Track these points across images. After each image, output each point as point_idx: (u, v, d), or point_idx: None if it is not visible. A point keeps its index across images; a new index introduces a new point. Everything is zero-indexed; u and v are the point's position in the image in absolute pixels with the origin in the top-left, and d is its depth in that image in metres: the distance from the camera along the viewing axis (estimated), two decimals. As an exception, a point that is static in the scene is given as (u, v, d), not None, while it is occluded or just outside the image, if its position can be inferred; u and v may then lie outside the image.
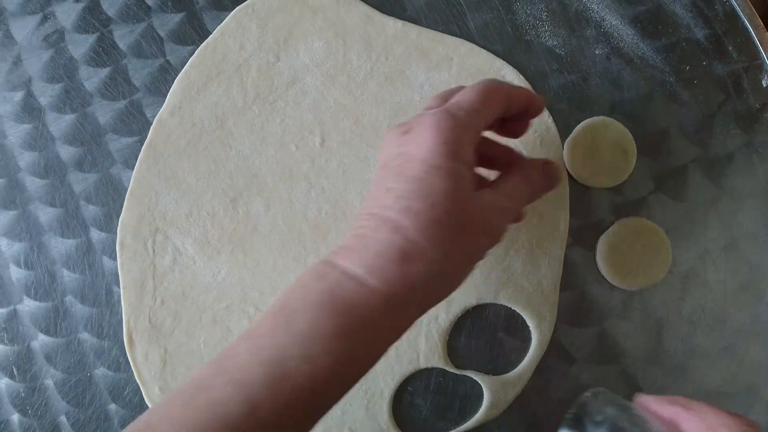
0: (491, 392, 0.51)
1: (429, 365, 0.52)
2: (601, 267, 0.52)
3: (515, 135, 0.47)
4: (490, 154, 0.47)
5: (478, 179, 0.44)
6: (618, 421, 0.39)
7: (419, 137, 0.40)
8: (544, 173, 0.46)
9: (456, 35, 0.53)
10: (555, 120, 0.53)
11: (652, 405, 0.40)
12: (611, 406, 0.40)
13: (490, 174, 0.46)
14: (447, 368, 0.51)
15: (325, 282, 0.38)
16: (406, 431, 0.52)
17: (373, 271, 0.38)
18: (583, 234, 0.52)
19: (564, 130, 0.53)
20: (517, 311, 0.52)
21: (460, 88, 0.44)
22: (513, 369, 0.52)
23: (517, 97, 0.44)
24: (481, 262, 0.42)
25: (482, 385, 0.51)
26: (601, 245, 0.52)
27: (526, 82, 0.53)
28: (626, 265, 0.52)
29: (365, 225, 0.40)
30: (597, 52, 0.53)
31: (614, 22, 0.53)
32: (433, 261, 0.38)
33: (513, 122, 0.46)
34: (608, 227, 0.52)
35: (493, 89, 0.43)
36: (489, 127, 0.44)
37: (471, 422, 0.51)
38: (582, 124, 0.52)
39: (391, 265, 0.38)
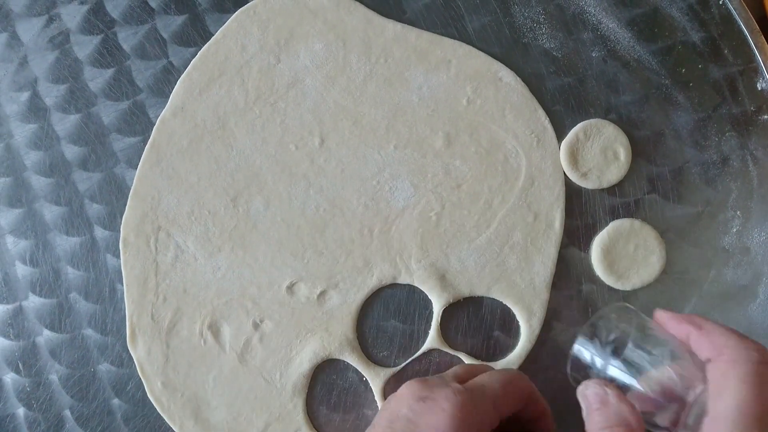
0: None
1: (424, 348, 0.53)
2: (596, 267, 0.52)
3: None
4: None
5: None
6: (629, 340, 0.39)
7: (434, 414, 0.39)
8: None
9: (454, 38, 0.54)
10: (552, 122, 0.53)
11: (667, 322, 0.40)
12: (626, 323, 0.40)
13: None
14: (442, 348, 0.52)
15: None
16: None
17: None
18: (578, 234, 0.53)
19: (560, 132, 0.53)
20: (508, 306, 0.53)
21: (485, 367, 0.44)
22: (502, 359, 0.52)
23: (535, 401, 0.44)
24: (475, 256, 0.43)
25: None
26: (596, 246, 0.52)
27: (524, 84, 0.53)
28: (621, 265, 0.52)
29: None
30: (593, 55, 0.54)
31: (611, 25, 0.54)
32: None
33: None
34: (603, 228, 0.53)
35: (518, 385, 0.42)
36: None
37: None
38: (578, 125, 0.53)
39: None
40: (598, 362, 0.40)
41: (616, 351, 0.39)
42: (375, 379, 0.52)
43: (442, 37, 0.54)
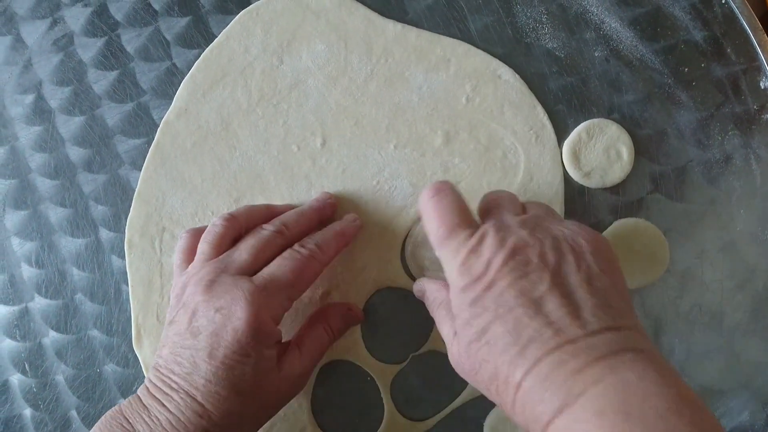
0: None
1: (424, 349, 0.53)
2: (600, 266, 0.53)
3: None
4: None
5: (281, 344, 0.47)
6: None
7: (230, 323, 0.42)
8: (345, 319, 0.52)
9: (457, 38, 0.54)
10: (554, 121, 0.53)
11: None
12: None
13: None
14: (442, 350, 0.52)
15: None
16: (399, 408, 0.53)
17: None
18: (582, 234, 0.53)
19: (563, 132, 0.53)
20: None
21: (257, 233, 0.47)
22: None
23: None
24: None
25: None
26: (600, 245, 0.53)
27: (523, 82, 0.53)
28: (624, 264, 0.52)
29: (166, 392, 0.42)
30: (596, 55, 0.54)
31: (613, 24, 0.54)
32: None
33: None
34: (607, 227, 0.53)
35: (310, 269, 0.47)
36: None
37: (460, 398, 0.52)
38: (581, 125, 0.53)
39: None
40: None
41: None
42: (381, 377, 0.52)
43: (442, 36, 0.54)
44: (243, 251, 0.46)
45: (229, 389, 0.42)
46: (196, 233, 0.49)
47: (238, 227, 0.48)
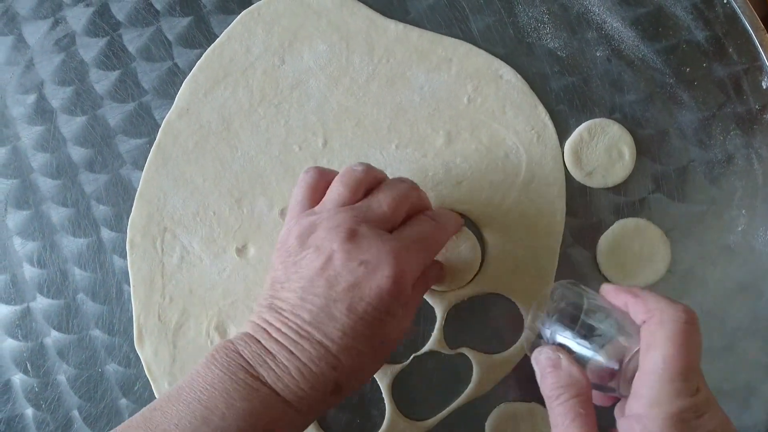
0: (480, 369, 0.52)
1: (425, 349, 0.53)
2: (602, 266, 0.52)
3: None
4: None
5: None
6: (575, 309, 0.43)
7: (376, 280, 0.40)
8: (436, 276, 0.51)
9: (458, 38, 0.54)
10: (556, 121, 0.53)
11: (608, 293, 0.44)
12: (574, 293, 0.44)
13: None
14: (442, 350, 0.52)
15: (252, 403, 0.39)
16: (400, 408, 0.53)
17: (305, 400, 0.40)
18: (584, 234, 0.53)
19: (565, 131, 0.53)
20: (513, 300, 0.53)
21: (399, 183, 0.46)
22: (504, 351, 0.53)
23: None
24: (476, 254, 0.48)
25: (473, 361, 0.52)
26: (602, 245, 0.52)
27: (525, 81, 0.53)
28: (626, 264, 0.52)
29: (296, 340, 0.40)
30: (598, 54, 0.54)
31: (615, 24, 0.54)
32: (356, 387, 0.43)
33: None
34: (608, 227, 0.53)
35: (448, 221, 0.47)
36: None
37: (461, 399, 0.52)
38: (583, 125, 0.53)
39: (324, 397, 0.41)
40: (551, 333, 0.44)
41: (569, 322, 0.43)
42: (382, 377, 0.52)
43: (443, 36, 0.54)
44: (383, 202, 0.44)
45: (365, 344, 0.40)
46: (325, 173, 0.46)
47: (373, 177, 0.46)
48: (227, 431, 0.38)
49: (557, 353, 0.42)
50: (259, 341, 0.41)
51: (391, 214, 0.43)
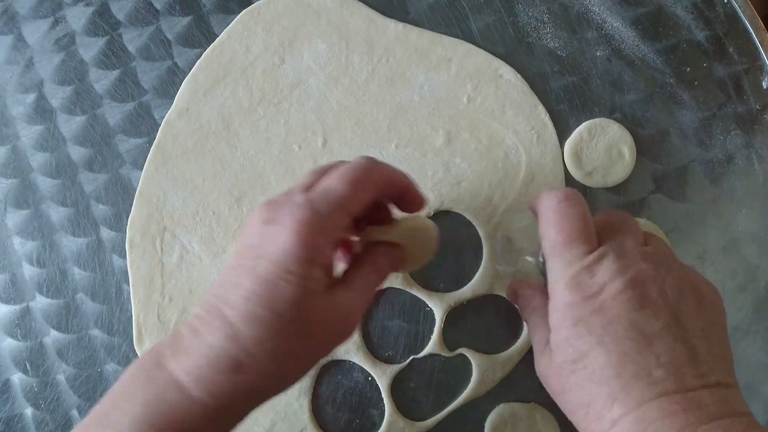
0: (480, 369, 0.52)
1: (425, 352, 0.52)
2: (601, 266, 0.52)
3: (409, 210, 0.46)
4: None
5: (331, 277, 0.41)
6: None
7: (278, 235, 0.37)
8: (393, 261, 0.45)
9: (458, 37, 0.54)
10: (556, 121, 0.53)
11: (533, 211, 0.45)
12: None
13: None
14: (442, 353, 0.52)
15: (148, 391, 0.37)
16: (399, 408, 0.53)
17: (200, 381, 0.36)
18: (584, 234, 0.53)
19: (565, 131, 0.53)
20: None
21: (339, 164, 0.42)
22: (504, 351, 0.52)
23: (394, 183, 0.43)
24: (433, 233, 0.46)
25: (472, 361, 0.52)
26: (601, 245, 0.52)
27: (525, 81, 0.53)
28: (626, 264, 0.52)
29: (204, 317, 0.38)
30: (598, 54, 0.54)
31: (615, 24, 0.53)
32: (267, 372, 0.37)
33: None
34: (608, 227, 0.53)
35: (365, 177, 0.41)
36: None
37: (460, 399, 0.52)
38: (583, 125, 0.53)
39: (221, 376, 0.36)
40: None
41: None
42: (381, 377, 0.52)
43: (443, 36, 0.54)
44: (334, 181, 0.40)
45: (267, 309, 0.36)
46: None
47: (340, 164, 0.43)
48: (122, 424, 0.36)
49: (513, 284, 0.48)
50: (178, 329, 0.39)
51: (349, 192, 0.39)
